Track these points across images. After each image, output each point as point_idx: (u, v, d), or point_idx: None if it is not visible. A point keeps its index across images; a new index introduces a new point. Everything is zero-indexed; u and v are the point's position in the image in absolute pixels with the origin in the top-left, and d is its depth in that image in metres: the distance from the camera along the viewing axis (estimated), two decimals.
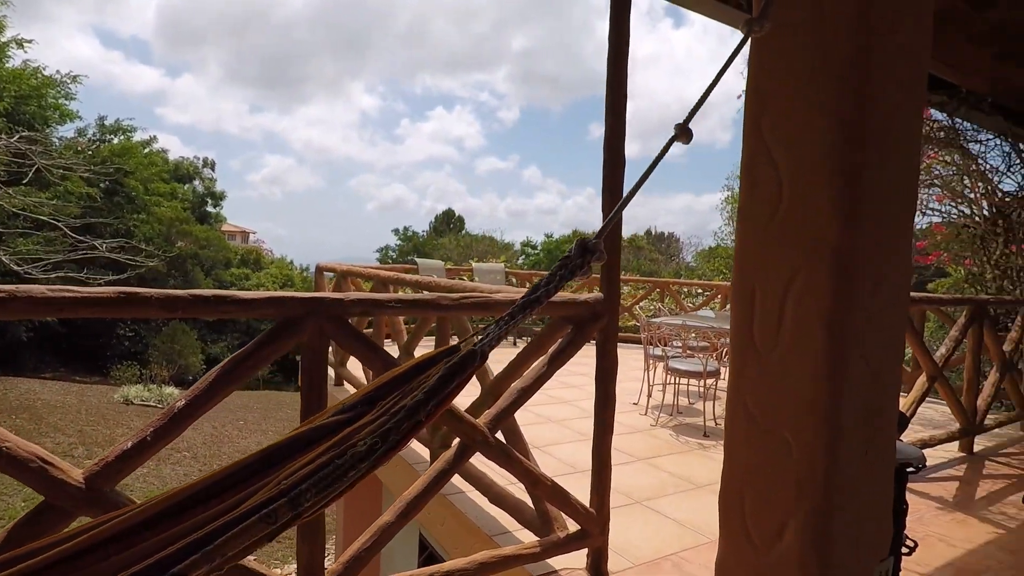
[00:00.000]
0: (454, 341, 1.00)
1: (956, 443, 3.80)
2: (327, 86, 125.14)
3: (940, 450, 3.75)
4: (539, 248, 42.54)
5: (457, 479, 2.24)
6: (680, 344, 4.84)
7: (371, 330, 4.62)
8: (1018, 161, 4.30)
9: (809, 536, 1.31)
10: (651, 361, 4.37)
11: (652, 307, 8.56)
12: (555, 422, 4.13)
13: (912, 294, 3.72)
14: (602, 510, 2.17)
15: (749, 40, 1.09)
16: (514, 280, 9.18)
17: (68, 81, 15.86)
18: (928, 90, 3.84)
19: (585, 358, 2.25)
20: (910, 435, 3.56)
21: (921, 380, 3.51)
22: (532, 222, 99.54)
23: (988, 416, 4.04)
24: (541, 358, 2.13)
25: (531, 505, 2.19)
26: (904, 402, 3.47)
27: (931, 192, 5.15)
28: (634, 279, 10.56)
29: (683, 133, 1.14)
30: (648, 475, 3.20)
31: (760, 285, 1.42)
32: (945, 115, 4.22)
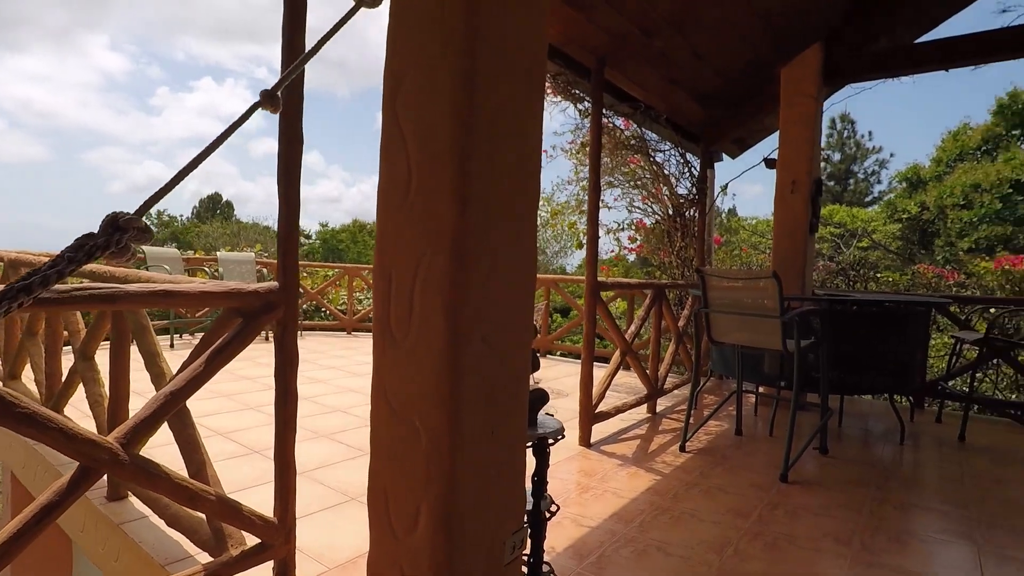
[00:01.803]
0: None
1: (644, 406, 4.50)
2: (54, 35, 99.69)
3: (633, 413, 4.41)
4: (314, 237, 40.32)
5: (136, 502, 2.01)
6: None
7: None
8: (686, 170, 5.28)
9: (438, 519, 1.32)
10: None
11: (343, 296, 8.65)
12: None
13: (606, 279, 4.29)
14: (286, 518, 2.00)
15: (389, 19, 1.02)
16: (265, 271, 8.37)
17: None
18: (618, 101, 4.44)
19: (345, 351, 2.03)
20: (611, 401, 4.10)
21: (616, 355, 4.05)
22: (313, 210, 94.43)
23: (668, 380, 4.88)
24: (202, 356, 1.86)
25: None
26: (601, 374, 3.98)
27: (638, 192, 6.04)
28: (326, 265, 10.58)
29: (268, 101, 1.02)
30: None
31: (396, 271, 1.38)
32: (636, 125, 4.97)
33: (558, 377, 5.91)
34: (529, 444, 1.62)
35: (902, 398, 4.97)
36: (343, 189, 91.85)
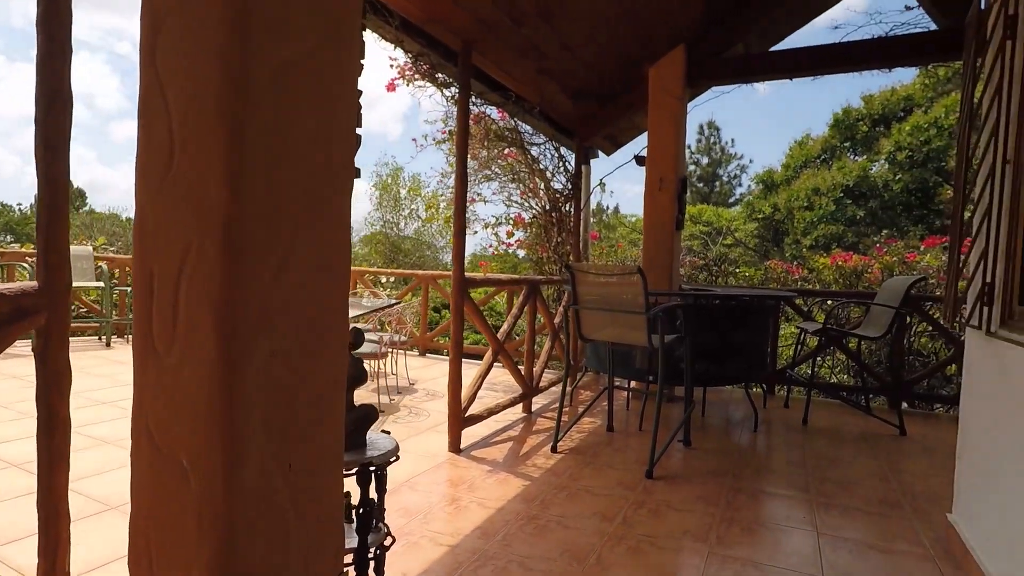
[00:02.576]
0: None
1: (520, 405, 4.40)
2: None
3: (508, 413, 4.28)
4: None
5: None
6: None
7: None
8: (562, 165, 5.26)
9: None
10: None
11: None
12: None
13: (475, 275, 4.13)
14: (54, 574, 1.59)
15: None
16: (104, 267, 7.28)
17: None
18: (489, 90, 4.28)
19: None
20: (482, 403, 3.94)
21: (488, 354, 3.89)
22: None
23: (545, 378, 4.82)
24: None
25: None
26: (472, 375, 3.80)
27: (516, 186, 5.94)
28: None
29: None
30: None
31: (158, 266, 1.07)
32: (510, 117, 4.85)
33: (436, 377, 5.67)
34: (351, 472, 1.37)
35: (756, 385, 5.32)
36: None
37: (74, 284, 6.68)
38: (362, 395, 4.71)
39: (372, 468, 1.40)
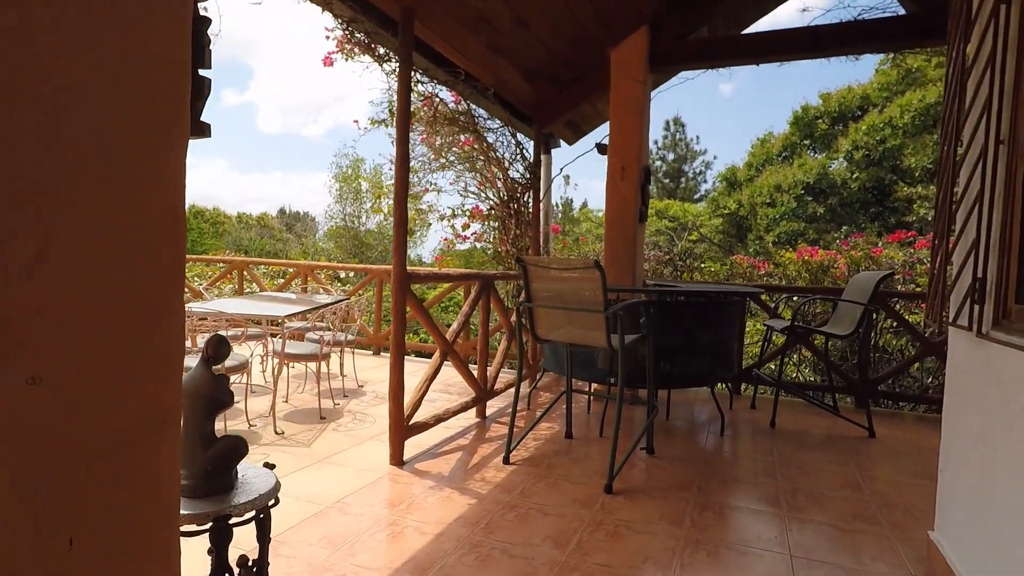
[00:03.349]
0: None
1: (473, 410, 4.08)
2: None
3: (460, 419, 3.96)
4: None
5: None
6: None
7: None
8: (519, 153, 4.95)
9: None
10: None
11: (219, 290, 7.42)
12: None
13: (419, 270, 3.79)
14: None
15: None
16: None
17: None
18: (435, 66, 3.92)
19: None
20: (435, 408, 3.61)
21: (436, 356, 3.56)
22: None
23: (501, 380, 4.52)
24: None
25: None
26: (418, 381, 3.46)
27: (473, 176, 5.60)
28: (211, 258, 9.08)
29: None
30: None
31: None
32: (464, 100, 4.51)
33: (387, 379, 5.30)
34: (201, 528, 1.03)
35: (722, 385, 5.12)
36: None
37: None
38: (304, 399, 4.32)
39: (233, 522, 1.06)
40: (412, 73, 3.12)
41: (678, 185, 22.98)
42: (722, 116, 49.58)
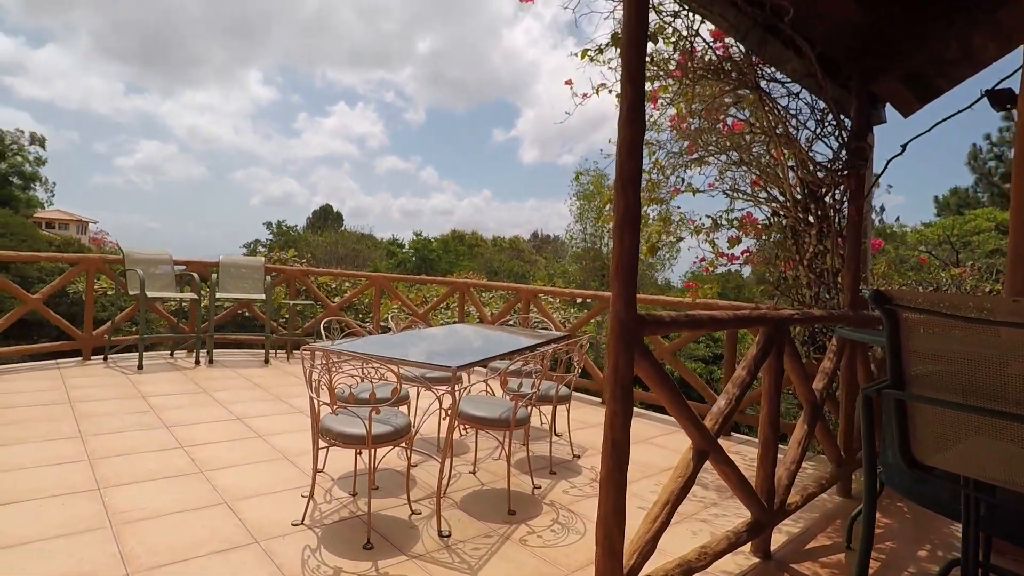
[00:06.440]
0: None
1: (750, 545, 2.43)
2: (218, 70, 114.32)
3: (728, 561, 2.35)
4: (406, 246, 41.70)
5: None
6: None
7: None
8: (826, 127, 3.09)
9: None
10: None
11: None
12: None
13: (656, 310, 2.32)
14: None
15: None
16: (268, 277, 6.75)
17: None
18: None
19: None
20: (680, 537, 2.12)
21: (687, 457, 2.06)
22: (427, 222, 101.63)
23: (797, 487, 2.75)
24: None
25: None
26: (659, 492, 2.00)
27: (745, 172, 3.94)
28: (429, 279, 8.87)
29: None
30: None
31: None
32: (737, 42, 2.90)
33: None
34: None
35: None
36: (455, 202, 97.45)
37: (243, 296, 6.43)
38: (497, 470, 3.19)
39: None
40: None
41: None
42: None
